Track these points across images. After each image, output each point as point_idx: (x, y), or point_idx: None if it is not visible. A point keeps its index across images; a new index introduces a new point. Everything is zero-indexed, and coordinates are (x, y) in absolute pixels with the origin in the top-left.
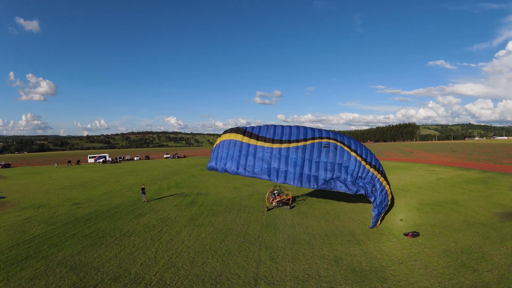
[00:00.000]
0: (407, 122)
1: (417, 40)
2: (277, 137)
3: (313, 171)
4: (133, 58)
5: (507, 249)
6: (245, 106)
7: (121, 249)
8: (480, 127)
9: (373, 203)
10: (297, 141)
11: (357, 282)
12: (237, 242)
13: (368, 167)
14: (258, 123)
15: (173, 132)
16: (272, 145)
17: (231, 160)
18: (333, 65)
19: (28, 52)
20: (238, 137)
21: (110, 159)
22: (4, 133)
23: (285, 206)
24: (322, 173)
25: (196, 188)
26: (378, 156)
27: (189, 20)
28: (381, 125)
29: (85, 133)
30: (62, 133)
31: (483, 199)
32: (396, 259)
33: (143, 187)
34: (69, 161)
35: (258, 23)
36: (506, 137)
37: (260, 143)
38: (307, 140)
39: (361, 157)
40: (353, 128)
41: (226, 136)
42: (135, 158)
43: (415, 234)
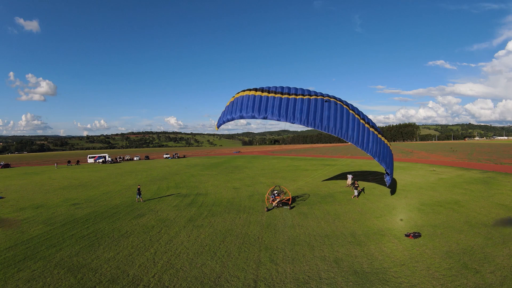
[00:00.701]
0: (407, 122)
1: (416, 40)
2: (285, 91)
3: (318, 120)
4: (134, 58)
5: (509, 250)
6: None
7: (120, 250)
8: (480, 127)
9: (384, 164)
10: (303, 95)
11: (359, 284)
12: (237, 243)
13: (368, 126)
14: (258, 123)
15: (173, 132)
16: (281, 96)
17: (246, 108)
18: (333, 65)
19: (28, 52)
20: (251, 92)
21: (109, 159)
22: (4, 133)
23: (285, 207)
24: (326, 122)
25: (196, 188)
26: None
27: (189, 20)
28: (381, 125)
29: (85, 133)
30: (62, 133)
31: (484, 199)
32: (397, 261)
33: (138, 187)
34: (69, 161)
35: (258, 23)
36: (506, 137)
37: (271, 95)
38: (311, 95)
39: (359, 116)
40: None
41: (239, 94)
42: (135, 158)
43: (416, 235)
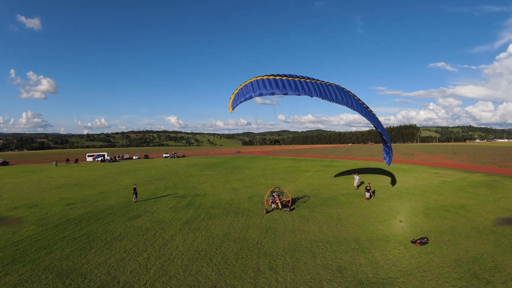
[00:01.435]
0: (407, 124)
1: (418, 41)
2: (298, 76)
3: (329, 94)
4: (135, 57)
5: None
6: (245, 106)
7: (111, 254)
8: (480, 129)
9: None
10: (312, 79)
11: None
12: (234, 249)
13: (366, 107)
14: (259, 123)
15: (173, 132)
16: (295, 79)
17: (265, 86)
18: (334, 66)
19: (29, 49)
20: (264, 77)
21: (108, 158)
22: (5, 130)
23: (285, 209)
24: (334, 96)
25: (194, 189)
26: (378, 157)
27: (190, 19)
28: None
29: (85, 132)
30: (62, 131)
31: (490, 203)
32: (404, 270)
33: (134, 187)
34: (67, 160)
35: (259, 24)
36: (507, 140)
37: (285, 78)
38: (318, 80)
39: (356, 96)
40: (353, 129)
41: (251, 80)
42: (134, 157)
43: (423, 242)
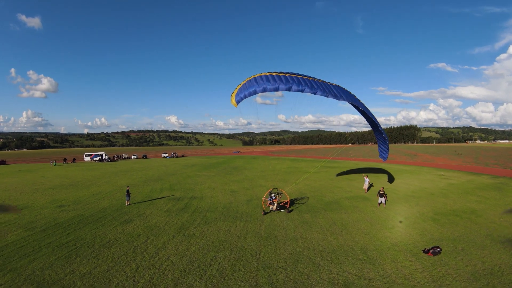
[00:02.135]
0: (408, 124)
1: (418, 42)
2: (300, 74)
3: (331, 91)
4: (135, 57)
5: None
6: (246, 106)
7: (98, 263)
8: (481, 130)
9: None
10: (311, 77)
11: None
12: (231, 259)
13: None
14: (259, 123)
15: (174, 131)
16: (298, 76)
17: (269, 81)
18: (334, 66)
19: (30, 49)
20: (268, 73)
21: (107, 157)
22: (5, 129)
23: (283, 210)
24: (336, 92)
25: (191, 191)
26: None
27: (190, 19)
28: (382, 127)
29: (85, 131)
30: (62, 130)
31: (501, 208)
32: (418, 285)
33: (127, 189)
34: (65, 159)
35: (260, 23)
36: (507, 141)
37: (289, 75)
38: (317, 79)
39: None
40: (354, 129)
41: (255, 76)
42: (132, 157)
43: (436, 252)
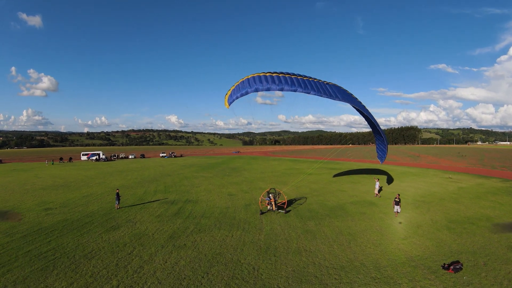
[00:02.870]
0: (408, 125)
1: (419, 43)
2: (295, 73)
3: (326, 90)
4: (136, 56)
5: None
6: (246, 106)
7: (75, 278)
8: (481, 131)
9: (384, 141)
10: (306, 77)
11: None
12: (225, 277)
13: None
14: (259, 123)
15: (174, 131)
16: (291, 76)
17: (261, 82)
18: (335, 66)
19: (30, 47)
20: (261, 74)
21: (104, 157)
22: (5, 128)
23: (280, 210)
24: (331, 91)
25: (186, 193)
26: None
27: (191, 19)
28: (382, 127)
29: (85, 130)
30: (63, 129)
31: None
32: None
33: (117, 191)
34: (61, 158)
35: (260, 23)
36: (508, 142)
37: (282, 75)
38: (313, 78)
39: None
40: (354, 130)
41: (248, 76)
42: (130, 157)
43: (457, 268)
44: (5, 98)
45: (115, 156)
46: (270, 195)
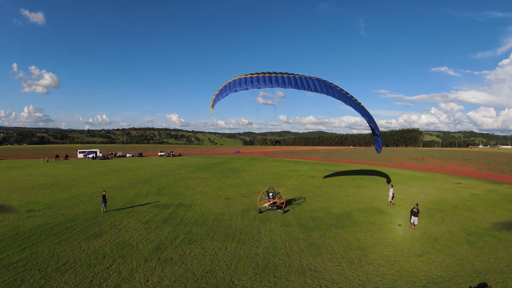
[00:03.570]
0: (409, 128)
1: (421, 45)
2: (277, 72)
3: (305, 84)
4: (138, 55)
5: None
6: (247, 105)
7: None
8: (482, 135)
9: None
10: (287, 74)
11: None
12: None
13: (350, 96)
14: (260, 123)
15: (174, 129)
16: (270, 75)
17: (240, 84)
18: (336, 67)
19: (32, 44)
20: (238, 77)
21: (101, 155)
22: (6, 124)
23: (279, 210)
24: (312, 85)
25: (180, 196)
26: (389, 162)
27: (192, 18)
28: (383, 129)
29: (86, 127)
30: (63, 126)
31: None
32: None
33: (104, 194)
34: (57, 156)
35: (262, 23)
36: (510, 146)
37: (261, 75)
38: (296, 74)
39: (336, 86)
40: (355, 131)
41: (228, 81)
42: (128, 155)
43: None
44: (6, 95)
45: (113, 154)
46: (270, 194)
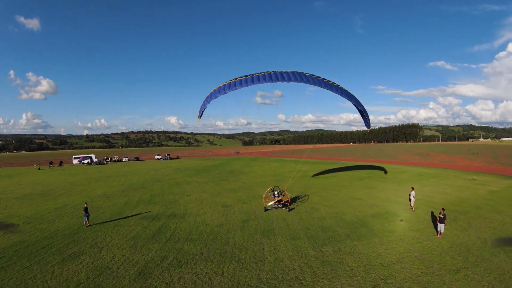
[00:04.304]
0: (408, 123)
1: (417, 40)
2: (254, 73)
3: (284, 77)
4: (135, 58)
5: None
6: (245, 106)
7: None
8: (481, 128)
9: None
10: (267, 72)
11: None
12: None
13: (332, 83)
14: (259, 123)
15: (173, 132)
16: (242, 77)
17: (219, 91)
18: (334, 66)
19: (29, 50)
20: (221, 84)
21: (96, 160)
22: (5, 131)
23: (284, 208)
24: (292, 76)
25: (174, 205)
26: (393, 159)
27: (190, 20)
28: (382, 125)
29: (85, 132)
30: (62, 132)
31: None
32: None
33: (85, 206)
34: (51, 162)
35: (259, 23)
36: (511, 138)
37: (234, 80)
38: (276, 71)
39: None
40: (354, 128)
41: (214, 88)
42: (124, 159)
43: None
44: (4, 102)
45: (108, 159)
46: (275, 192)
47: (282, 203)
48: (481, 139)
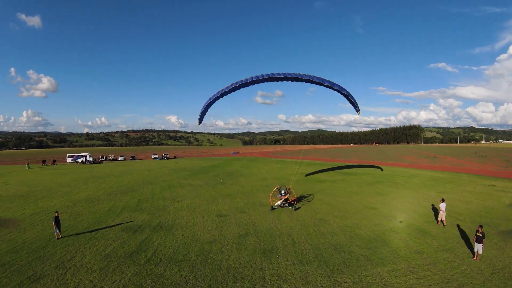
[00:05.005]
0: (408, 124)
1: (418, 42)
2: (244, 79)
3: (275, 74)
4: (136, 56)
5: None
6: (246, 105)
7: None
8: (481, 130)
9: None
10: (256, 76)
11: None
12: None
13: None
14: (259, 123)
15: (173, 131)
16: (229, 85)
17: (206, 103)
18: (334, 66)
19: (30, 48)
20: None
21: (90, 159)
22: (5, 129)
23: (291, 207)
24: (271, 76)
25: (162, 212)
26: (398, 161)
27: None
28: (382, 126)
29: (85, 130)
30: (62, 130)
31: None
32: None
33: (56, 215)
34: (44, 161)
35: (259, 23)
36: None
37: (226, 86)
38: (260, 75)
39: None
40: (354, 129)
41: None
42: (120, 158)
43: None
44: (4, 100)
45: (103, 158)
46: (282, 191)
47: (289, 202)
48: (482, 141)
